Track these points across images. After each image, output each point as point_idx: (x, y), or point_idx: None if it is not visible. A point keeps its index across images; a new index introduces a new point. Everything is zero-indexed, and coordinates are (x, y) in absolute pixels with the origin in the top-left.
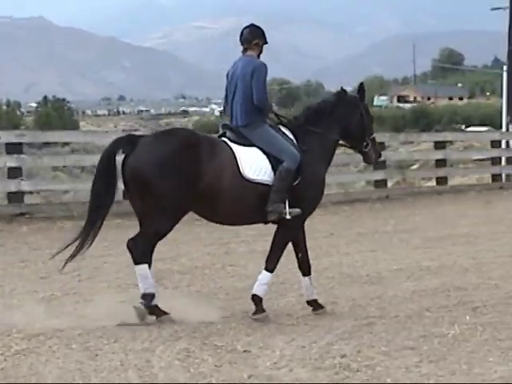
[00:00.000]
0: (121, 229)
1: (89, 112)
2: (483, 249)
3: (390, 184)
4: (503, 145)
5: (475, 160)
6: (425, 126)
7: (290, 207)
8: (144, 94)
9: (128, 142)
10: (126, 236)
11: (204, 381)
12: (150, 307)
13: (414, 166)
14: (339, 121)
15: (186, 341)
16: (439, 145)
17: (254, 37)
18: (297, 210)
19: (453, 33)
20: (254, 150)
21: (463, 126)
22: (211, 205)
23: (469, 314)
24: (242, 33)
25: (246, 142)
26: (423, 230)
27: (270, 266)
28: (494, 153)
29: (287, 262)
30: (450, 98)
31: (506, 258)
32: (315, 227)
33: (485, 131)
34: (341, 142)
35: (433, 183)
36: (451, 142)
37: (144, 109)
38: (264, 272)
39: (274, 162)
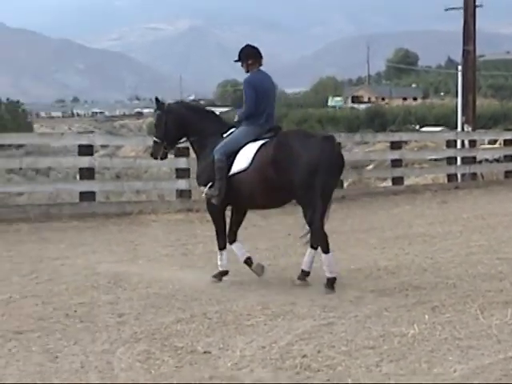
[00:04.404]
0: (78, 231)
1: (43, 114)
2: (440, 248)
3: (345, 184)
4: (459, 145)
5: (430, 160)
6: (379, 126)
7: None
8: (98, 95)
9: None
10: (83, 238)
11: (165, 382)
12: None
13: (370, 167)
14: None
15: (145, 342)
16: (395, 145)
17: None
18: None
19: (404, 33)
20: None
21: (417, 126)
22: None
23: (427, 314)
24: (253, 51)
25: None
26: (380, 229)
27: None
28: (450, 153)
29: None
30: (404, 99)
31: (463, 257)
32: (272, 228)
33: (439, 131)
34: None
35: (388, 183)
36: (406, 142)
37: (98, 110)
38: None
39: None
